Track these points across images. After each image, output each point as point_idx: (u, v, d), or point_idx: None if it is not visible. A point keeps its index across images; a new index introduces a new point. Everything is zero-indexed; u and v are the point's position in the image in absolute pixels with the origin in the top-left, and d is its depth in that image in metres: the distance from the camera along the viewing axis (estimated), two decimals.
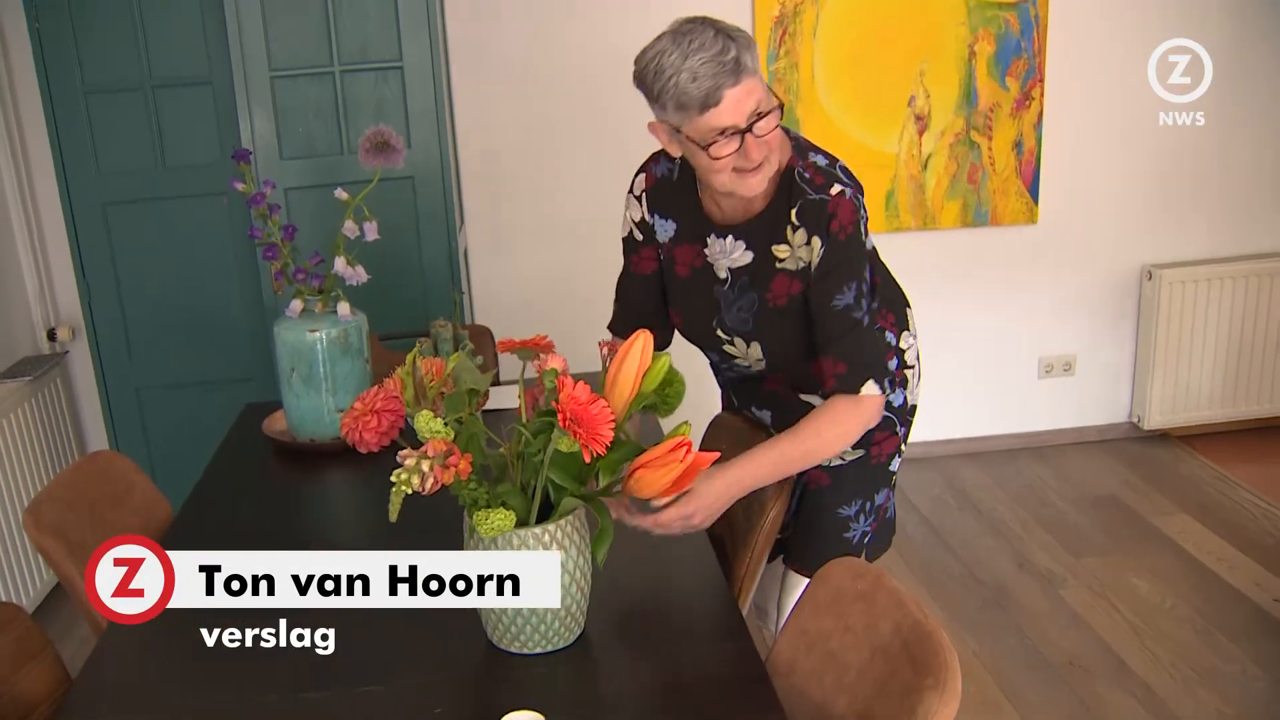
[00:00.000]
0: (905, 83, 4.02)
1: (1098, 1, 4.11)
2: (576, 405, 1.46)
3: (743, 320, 1.99)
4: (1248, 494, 4.11)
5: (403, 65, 3.37)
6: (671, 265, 2.05)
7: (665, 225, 2.03)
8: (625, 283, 2.19)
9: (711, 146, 1.76)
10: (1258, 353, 4.52)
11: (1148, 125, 4.27)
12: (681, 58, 1.72)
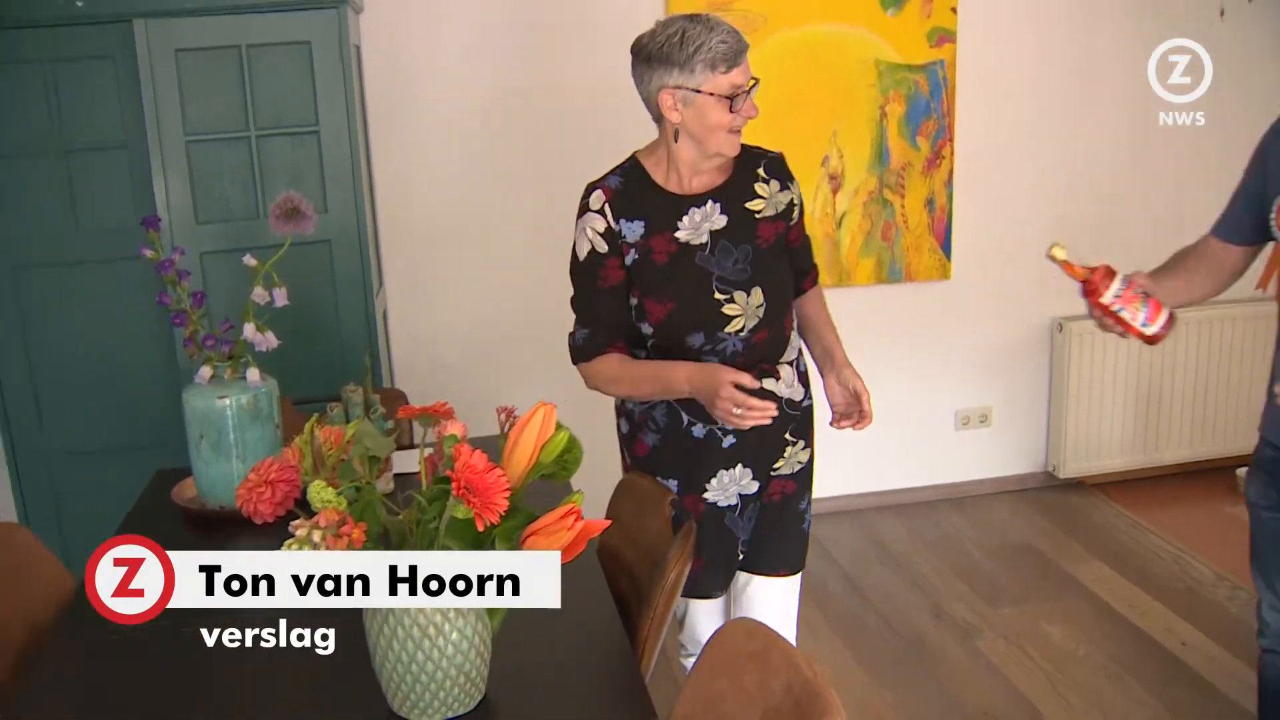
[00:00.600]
0: (819, 143, 4.12)
1: (1004, 63, 4.25)
2: (472, 473, 1.47)
3: (740, 270, 2.24)
4: (1158, 540, 4.20)
5: (319, 129, 3.39)
6: (648, 256, 2.22)
7: (633, 226, 2.22)
8: (594, 303, 2.28)
9: (734, 100, 2.12)
10: (1166, 401, 4.65)
11: (1052, 182, 4.41)
12: (707, 30, 2.10)
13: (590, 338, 2.29)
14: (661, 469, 2.33)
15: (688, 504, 2.32)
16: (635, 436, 2.39)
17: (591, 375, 2.32)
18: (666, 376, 2.21)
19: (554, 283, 4.06)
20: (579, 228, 2.26)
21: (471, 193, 3.99)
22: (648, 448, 2.36)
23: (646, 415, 2.34)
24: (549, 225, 4.00)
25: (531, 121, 3.97)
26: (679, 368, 2.19)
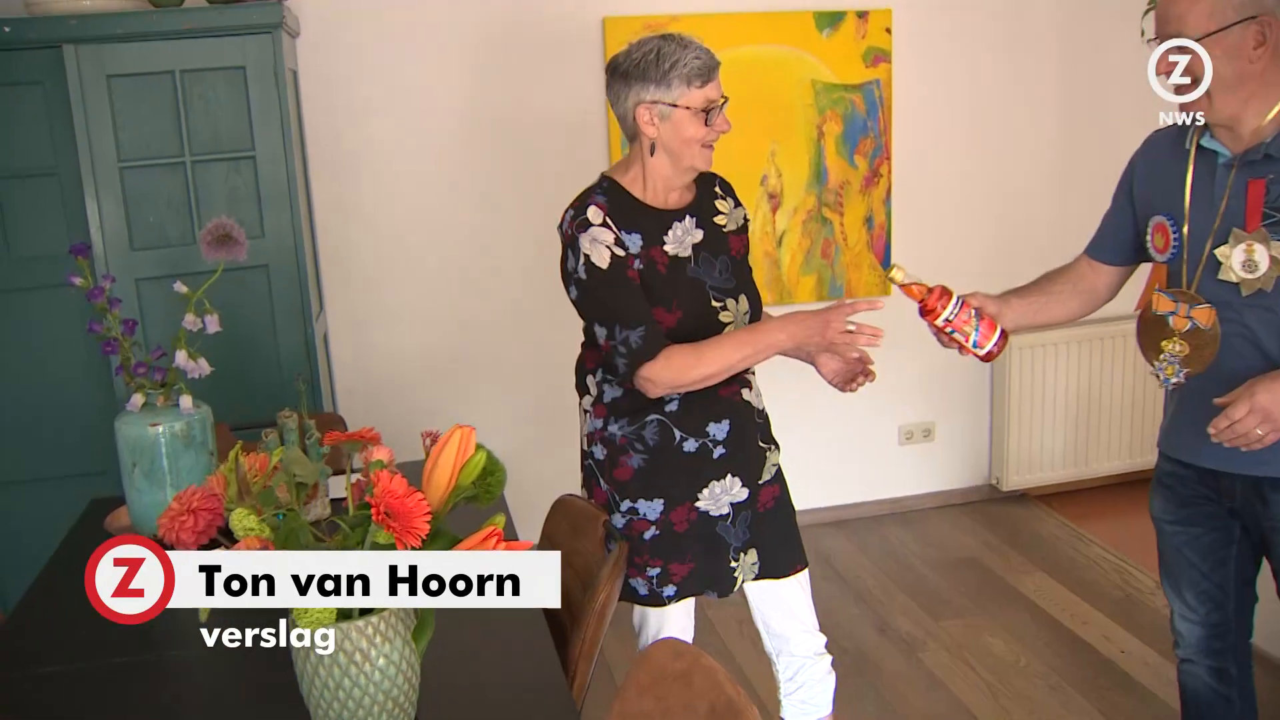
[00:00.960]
0: (757, 163, 4.15)
1: (938, 81, 4.32)
2: (392, 498, 1.47)
3: (726, 279, 2.33)
4: (1100, 549, 4.26)
5: (255, 154, 3.38)
6: (653, 267, 2.24)
7: (633, 238, 2.24)
8: (634, 302, 2.22)
9: (709, 114, 2.20)
10: (1105, 412, 4.72)
11: (988, 198, 4.47)
12: (681, 47, 2.16)
13: (648, 334, 2.18)
14: (647, 490, 2.32)
15: (676, 516, 2.33)
16: (617, 460, 2.34)
17: (662, 370, 2.19)
18: (760, 339, 2.23)
19: (496, 304, 4.10)
20: (584, 243, 2.20)
21: (412, 215, 3.99)
22: (632, 470, 2.33)
23: (633, 436, 2.32)
24: (490, 247, 4.04)
25: (472, 144, 3.98)
26: (770, 325, 2.25)
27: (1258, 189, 2.01)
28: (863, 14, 4.16)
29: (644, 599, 2.37)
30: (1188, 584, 2.37)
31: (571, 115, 4.02)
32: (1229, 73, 1.96)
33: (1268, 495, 2.13)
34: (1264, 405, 1.93)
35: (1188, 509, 2.31)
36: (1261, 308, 2.04)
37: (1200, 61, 1.96)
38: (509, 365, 4.15)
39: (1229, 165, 2.06)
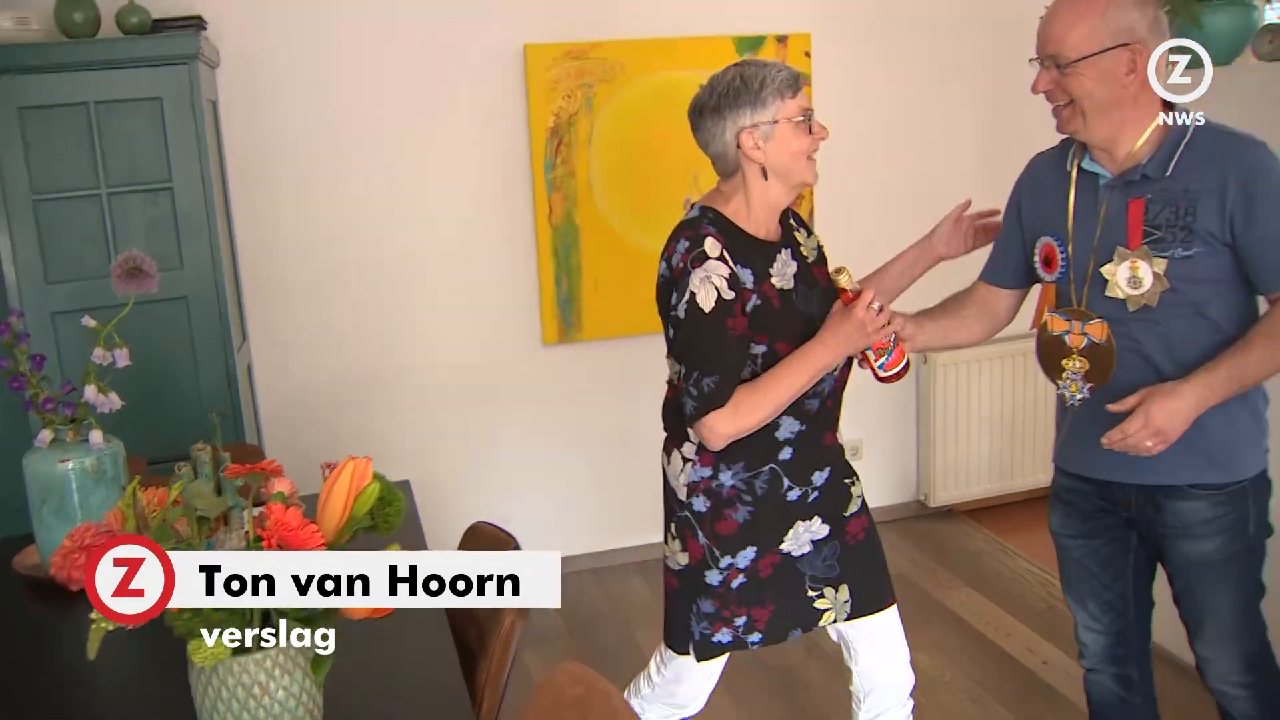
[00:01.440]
0: (679, 186, 4.16)
1: (858, 104, 4.39)
2: (285, 530, 1.48)
3: (821, 310, 2.26)
4: (1025, 563, 4.33)
5: (173, 185, 3.37)
6: (769, 302, 2.19)
7: (746, 273, 2.18)
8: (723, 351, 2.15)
9: (812, 122, 2.19)
10: (1029, 427, 4.80)
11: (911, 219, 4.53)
12: (761, 67, 2.17)
13: (721, 383, 2.13)
14: (744, 543, 2.28)
15: (763, 563, 2.30)
16: (721, 514, 2.27)
17: (729, 419, 2.14)
18: (811, 363, 2.17)
19: (423, 327, 4.10)
20: (695, 280, 2.12)
21: (337, 242, 3.98)
22: (736, 525, 2.27)
23: (744, 486, 2.26)
24: (416, 271, 4.04)
25: (396, 169, 3.98)
26: (814, 348, 2.18)
27: (1137, 207, 2.09)
28: (782, 38, 4.22)
29: (729, 645, 2.35)
30: (1090, 595, 2.43)
31: (495, 140, 4.04)
32: (1103, 95, 2.05)
33: (1161, 503, 2.21)
34: (1158, 423, 2.01)
35: (1087, 522, 2.37)
36: (1148, 322, 2.12)
37: (1076, 82, 2.05)
38: (436, 389, 4.15)
39: (1109, 186, 2.14)
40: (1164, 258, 2.07)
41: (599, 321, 4.20)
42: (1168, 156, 2.07)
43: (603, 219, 4.13)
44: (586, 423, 4.34)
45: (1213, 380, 2.02)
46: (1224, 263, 2.05)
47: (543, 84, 3.98)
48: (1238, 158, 2.03)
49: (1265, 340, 2.04)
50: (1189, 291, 2.07)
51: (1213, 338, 2.09)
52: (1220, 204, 2.02)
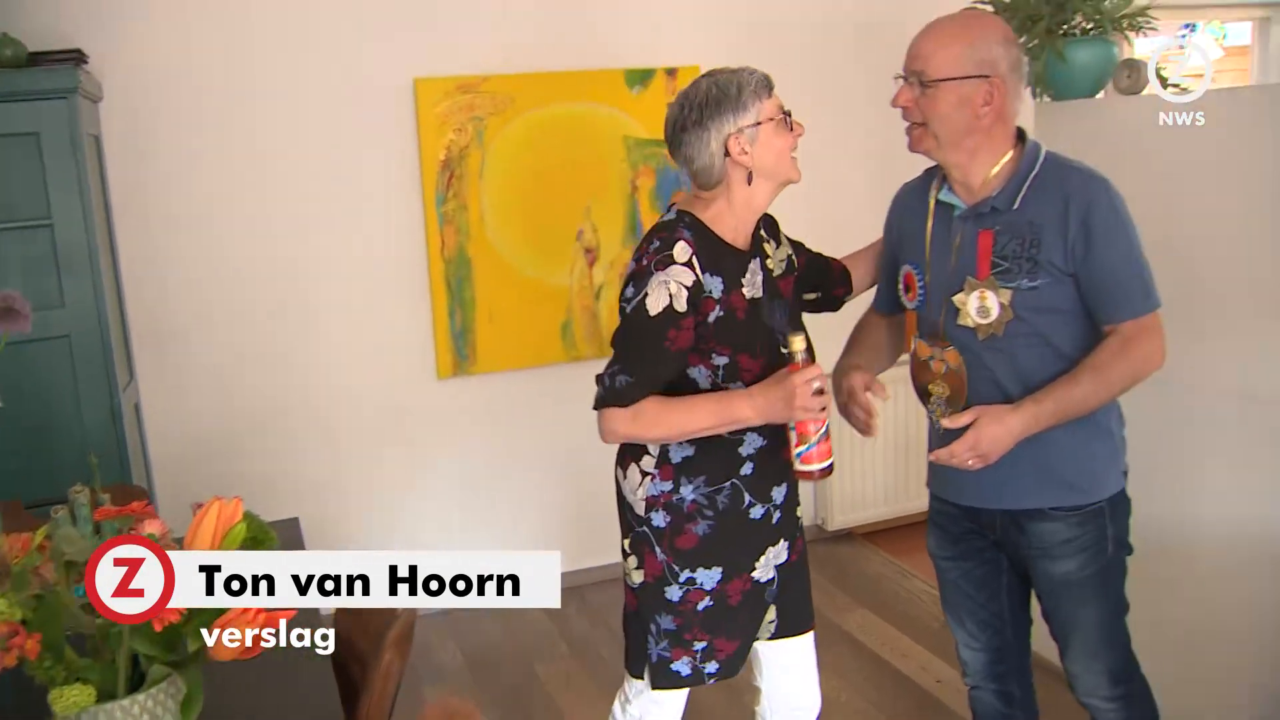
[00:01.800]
0: (572, 218, 4.22)
1: None
2: None
3: (784, 323, 2.27)
4: (920, 583, 4.39)
5: (52, 222, 3.29)
6: (733, 314, 2.18)
7: (715, 281, 2.16)
8: (652, 360, 2.13)
9: (791, 118, 2.18)
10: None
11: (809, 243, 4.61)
12: (733, 72, 2.16)
13: (632, 386, 2.11)
14: (706, 559, 2.25)
15: (732, 587, 2.28)
16: (681, 528, 2.25)
17: (627, 419, 2.13)
18: (727, 413, 2.11)
19: (320, 362, 4.05)
20: (658, 280, 2.11)
21: (225, 279, 3.93)
22: (696, 538, 2.25)
23: (705, 501, 2.23)
24: (310, 305, 3.99)
25: (285, 209, 3.94)
26: (738, 400, 2.11)
27: (987, 239, 2.16)
28: (671, 71, 4.28)
29: (686, 679, 2.30)
30: (967, 614, 2.49)
31: (387, 174, 4.03)
32: (957, 121, 2.12)
33: (1023, 525, 2.28)
34: (983, 446, 2.10)
35: (958, 544, 2.44)
36: (997, 350, 2.19)
37: (933, 103, 2.12)
38: (330, 426, 4.10)
39: (963, 217, 2.22)
40: (1010, 288, 2.14)
41: (494, 354, 4.20)
42: (1015, 189, 2.14)
43: (496, 251, 4.14)
44: (482, 456, 4.33)
45: (1039, 411, 2.10)
46: (1068, 293, 2.13)
47: (433, 118, 3.99)
48: (1078, 192, 2.10)
49: (1092, 374, 2.11)
50: (1035, 321, 2.15)
51: (1059, 365, 2.16)
52: (1062, 236, 2.09)
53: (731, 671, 2.34)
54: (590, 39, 4.21)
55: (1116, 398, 2.17)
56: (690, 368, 2.18)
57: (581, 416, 4.29)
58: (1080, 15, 3.04)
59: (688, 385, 2.19)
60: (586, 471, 4.45)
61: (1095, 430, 2.21)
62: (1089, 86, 3.12)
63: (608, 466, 2.43)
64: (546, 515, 4.44)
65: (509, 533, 4.40)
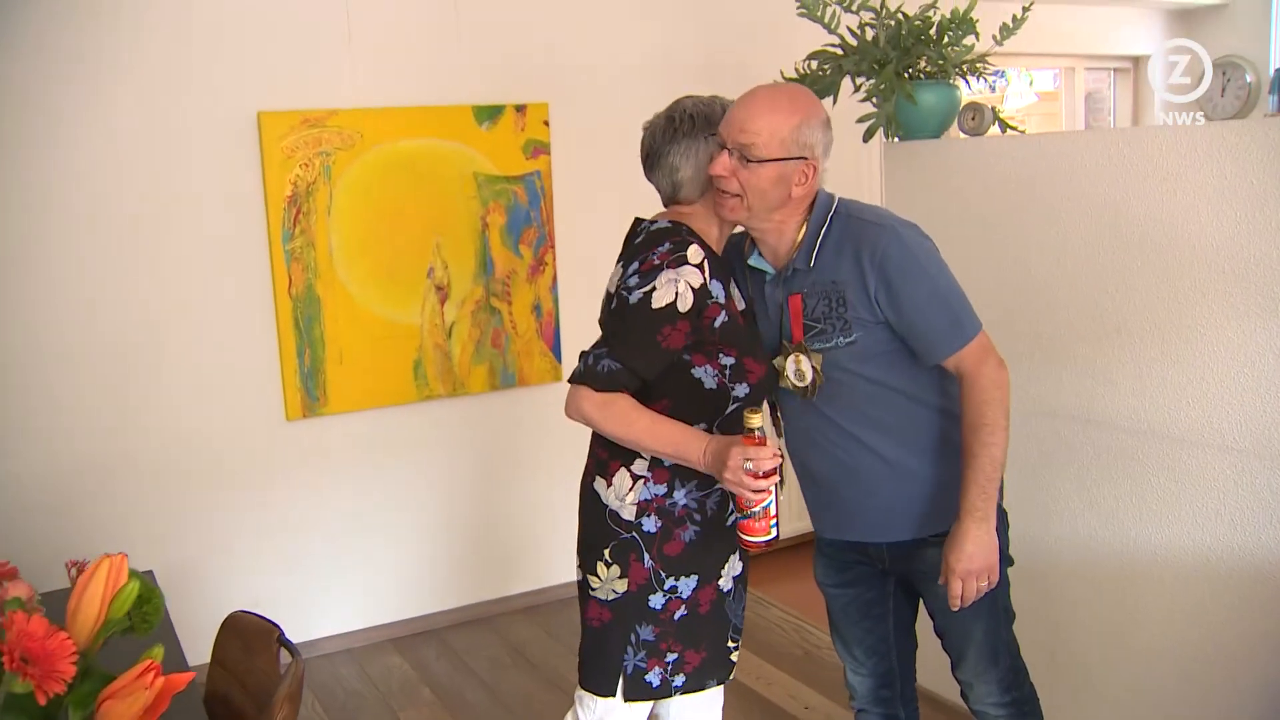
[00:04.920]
0: (422, 255, 4.15)
1: (596, 170, 4.47)
2: (30, 641, 1.35)
3: (766, 334, 2.28)
4: (779, 611, 4.45)
5: None
6: (735, 319, 2.19)
7: (718, 286, 2.17)
8: (643, 351, 2.11)
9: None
10: None
11: None
12: (704, 98, 2.27)
13: (617, 374, 2.09)
14: (689, 566, 2.23)
15: (704, 595, 2.25)
16: (671, 533, 2.22)
17: (598, 405, 2.11)
18: (686, 442, 2.09)
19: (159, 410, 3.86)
20: (668, 275, 2.10)
21: (63, 323, 3.69)
22: (683, 545, 2.22)
23: (695, 506, 2.22)
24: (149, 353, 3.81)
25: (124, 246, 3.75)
26: (698, 438, 2.08)
27: (796, 303, 2.21)
28: (520, 108, 4.26)
29: (656, 691, 2.27)
30: (854, 640, 2.54)
31: (230, 211, 3.88)
32: (773, 197, 2.14)
33: (909, 553, 2.34)
34: (965, 569, 2.15)
35: (845, 573, 2.48)
36: (815, 412, 2.26)
37: (754, 177, 2.12)
38: (175, 473, 3.91)
39: (773, 282, 2.26)
40: (826, 348, 2.18)
41: (345, 394, 4.08)
42: (810, 248, 2.19)
43: (345, 289, 4.03)
44: (334, 499, 4.19)
45: (970, 506, 2.15)
46: (885, 336, 2.17)
47: (278, 152, 3.86)
48: (870, 245, 2.13)
49: (974, 434, 2.15)
50: (863, 369, 2.19)
51: (898, 400, 2.23)
52: (865, 291, 2.13)
53: (698, 686, 2.32)
54: (438, 74, 4.16)
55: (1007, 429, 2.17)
56: (696, 368, 2.15)
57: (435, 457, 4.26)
58: (924, 59, 3.14)
59: (692, 386, 2.17)
60: (442, 512, 4.37)
61: (956, 457, 2.23)
62: (935, 127, 3.23)
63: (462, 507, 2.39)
64: (402, 558, 4.33)
65: (364, 576, 4.27)
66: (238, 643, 2.13)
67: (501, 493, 4.47)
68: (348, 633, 4.28)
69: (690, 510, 2.22)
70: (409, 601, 4.38)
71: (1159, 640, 2.85)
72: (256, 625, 2.11)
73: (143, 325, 3.80)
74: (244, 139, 3.86)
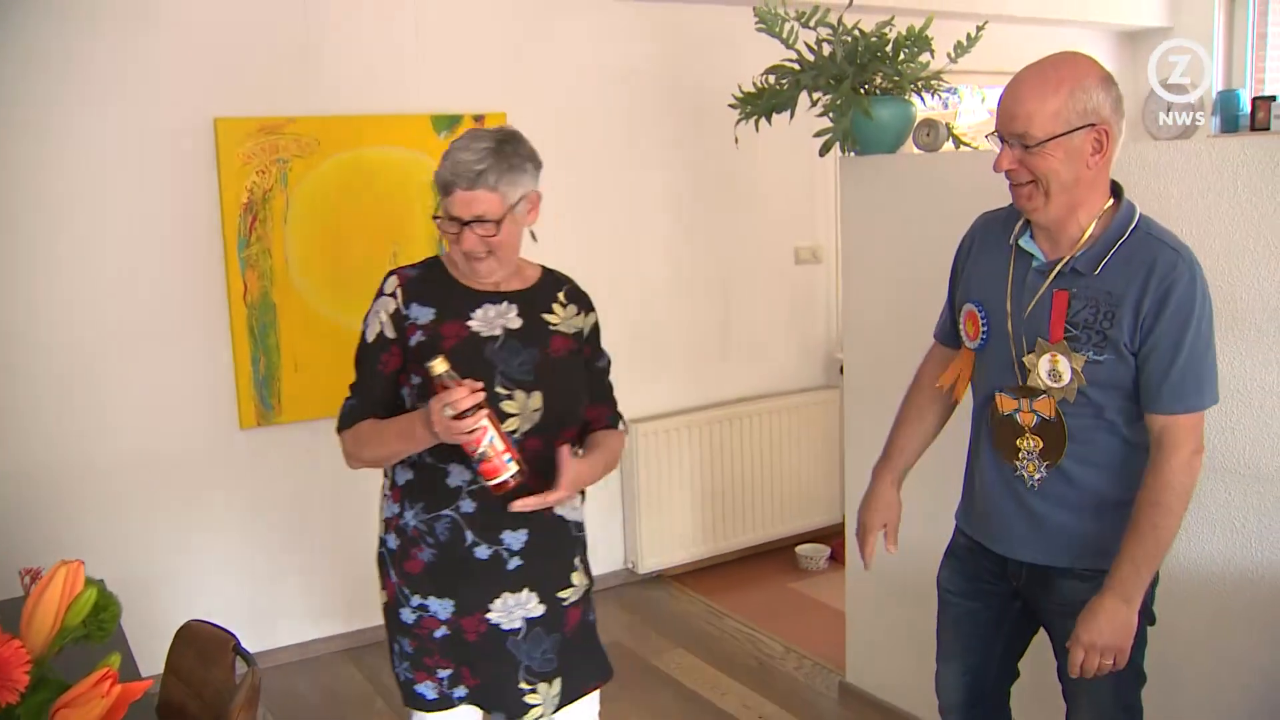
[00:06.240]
0: (380, 264, 4.09)
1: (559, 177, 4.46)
2: None
3: (525, 371, 2.22)
4: (733, 622, 4.47)
5: None
6: (438, 342, 2.18)
7: (424, 310, 2.22)
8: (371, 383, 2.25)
9: (442, 222, 2.16)
10: (730, 491, 5.00)
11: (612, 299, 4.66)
12: (457, 149, 2.14)
13: (355, 408, 2.25)
14: (437, 588, 2.23)
15: (468, 624, 2.24)
16: (408, 552, 2.25)
17: (349, 439, 2.26)
18: (410, 425, 2.11)
19: (109, 417, 3.82)
20: (373, 310, 2.26)
21: (11, 330, 3.65)
22: (422, 564, 2.24)
23: (425, 528, 2.23)
24: (100, 359, 3.77)
25: (74, 253, 3.71)
26: (415, 422, 2.09)
27: (1062, 301, 2.07)
28: (479, 118, 4.26)
29: (432, 704, 2.27)
30: (955, 654, 2.44)
31: (184, 217, 3.85)
32: (1068, 175, 2.01)
33: (1050, 581, 2.23)
34: (1091, 641, 2.05)
35: (972, 583, 2.38)
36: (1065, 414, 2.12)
37: (1043, 161, 2.00)
38: (128, 481, 3.86)
39: (1040, 271, 2.13)
40: (1079, 356, 2.07)
41: (300, 403, 4.05)
42: (1100, 255, 2.05)
43: (301, 297, 4.01)
44: (288, 507, 4.16)
45: (1118, 582, 2.05)
46: (1128, 372, 2.06)
47: (235, 159, 3.84)
48: (1164, 267, 2.00)
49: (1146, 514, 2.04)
50: (1095, 395, 2.08)
51: (1111, 442, 2.12)
52: (1135, 311, 2.01)
53: (482, 705, 2.31)
54: (397, 83, 4.15)
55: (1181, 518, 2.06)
56: (402, 388, 2.23)
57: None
58: (880, 75, 3.19)
59: (401, 406, 2.24)
60: None
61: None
62: (891, 142, 3.27)
63: None
64: (357, 568, 4.30)
65: (318, 586, 4.25)
66: (192, 653, 2.11)
67: None
68: (303, 642, 4.25)
69: (422, 532, 2.24)
70: (365, 611, 4.35)
71: None
72: (212, 634, 2.10)
73: (95, 331, 3.76)
74: (200, 145, 3.83)
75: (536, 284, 2.33)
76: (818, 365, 5.30)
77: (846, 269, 3.61)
